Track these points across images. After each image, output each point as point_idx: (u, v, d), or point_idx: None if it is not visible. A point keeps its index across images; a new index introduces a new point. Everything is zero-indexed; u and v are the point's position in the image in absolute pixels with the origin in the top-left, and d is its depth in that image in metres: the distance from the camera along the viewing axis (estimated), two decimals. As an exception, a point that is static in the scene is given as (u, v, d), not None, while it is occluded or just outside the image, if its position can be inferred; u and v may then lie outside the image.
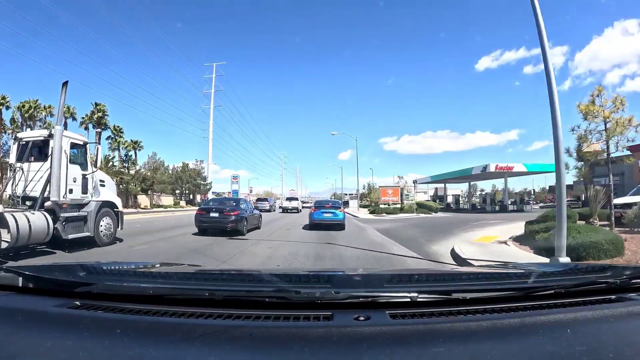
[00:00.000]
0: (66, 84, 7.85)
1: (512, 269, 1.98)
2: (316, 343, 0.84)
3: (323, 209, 14.63)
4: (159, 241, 10.23)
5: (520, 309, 1.04)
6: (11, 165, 7.97)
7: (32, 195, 7.52)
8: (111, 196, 9.23)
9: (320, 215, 14.35)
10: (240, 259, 7.53)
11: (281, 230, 14.49)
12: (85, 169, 8.30)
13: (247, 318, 0.98)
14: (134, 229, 12.26)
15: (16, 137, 8.19)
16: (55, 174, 7.24)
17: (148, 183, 39.81)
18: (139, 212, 29.36)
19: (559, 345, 0.83)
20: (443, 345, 0.82)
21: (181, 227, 14.27)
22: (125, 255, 7.78)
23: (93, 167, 8.55)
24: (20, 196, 7.55)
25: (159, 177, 44.26)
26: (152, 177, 42.05)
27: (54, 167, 7.25)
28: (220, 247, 9.12)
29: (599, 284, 1.20)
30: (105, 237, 8.54)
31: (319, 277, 1.58)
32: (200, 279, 1.57)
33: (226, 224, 11.26)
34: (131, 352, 0.82)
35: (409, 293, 1.08)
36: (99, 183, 8.78)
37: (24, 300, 1.16)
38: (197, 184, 49.84)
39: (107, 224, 8.67)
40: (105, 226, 8.62)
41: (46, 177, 7.37)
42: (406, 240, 11.16)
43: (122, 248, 8.67)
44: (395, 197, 34.53)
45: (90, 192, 8.32)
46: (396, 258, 7.72)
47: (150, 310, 1.03)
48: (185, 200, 49.66)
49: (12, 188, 7.73)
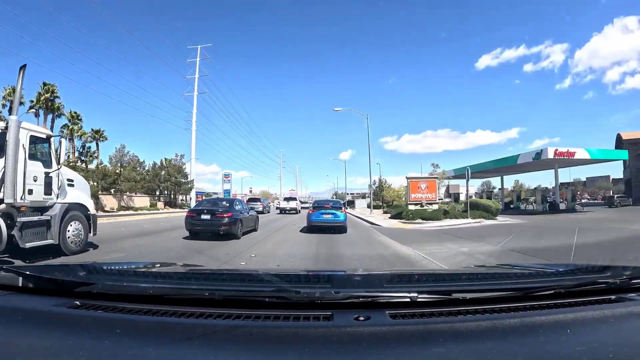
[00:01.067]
0: (24, 67, 6.70)
1: (512, 269, 1.98)
2: (316, 343, 0.84)
3: (322, 209, 13.00)
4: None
5: (520, 309, 1.04)
6: None
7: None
8: (82, 197, 8.12)
9: (319, 217, 12.81)
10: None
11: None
12: (48, 166, 7.12)
13: (247, 318, 0.98)
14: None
15: None
16: (11, 172, 6.12)
17: (109, 180, 32.50)
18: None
19: (559, 345, 0.83)
20: (443, 346, 0.82)
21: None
22: None
23: (57, 164, 7.27)
24: None
25: (127, 174, 35.60)
26: (116, 174, 34.26)
27: (8, 164, 6.11)
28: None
29: (599, 284, 1.20)
30: (73, 244, 7.40)
31: (319, 277, 1.58)
32: (200, 278, 1.57)
33: (219, 226, 10.32)
34: (131, 352, 0.82)
35: (409, 293, 1.08)
36: (66, 182, 7.64)
37: (24, 300, 1.16)
38: (177, 181, 41.33)
39: (75, 229, 7.53)
40: (74, 232, 7.48)
41: (0, 175, 6.23)
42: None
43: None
44: (432, 193, 23.67)
45: (55, 193, 7.21)
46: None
47: (150, 310, 1.03)
48: (164, 202, 41.79)
49: None
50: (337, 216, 12.77)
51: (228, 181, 64.16)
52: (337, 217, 12.78)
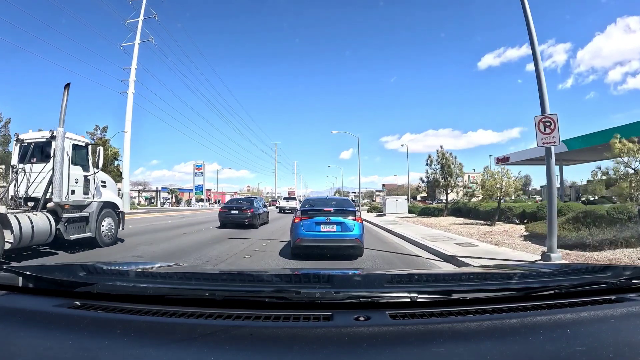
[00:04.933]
0: (68, 86, 7.84)
1: (512, 269, 1.98)
2: (316, 343, 0.84)
3: (319, 214, 7.42)
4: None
5: (520, 309, 1.04)
6: (13, 166, 8.01)
7: (34, 196, 7.59)
8: (112, 197, 9.36)
9: (313, 231, 7.26)
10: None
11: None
12: (86, 170, 8.42)
13: (247, 318, 0.98)
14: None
15: (18, 139, 8.28)
16: (58, 176, 7.37)
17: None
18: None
19: (559, 346, 0.83)
20: (443, 346, 0.82)
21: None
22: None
23: (95, 168, 8.60)
24: (23, 197, 7.62)
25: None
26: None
27: (56, 168, 7.38)
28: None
29: (599, 284, 1.20)
30: (106, 237, 8.68)
31: (319, 277, 1.57)
32: (200, 279, 1.57)
33: (244, 219, 14.45)
34: (131, 352, 0.82)
35: (409, 293, 1.08)
36: (100, 184, 8.88)
37: (24, 300, 1.16)
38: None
39: (108, 225, 8.81)
40: (107, 227, 8.76)
41: (48, 178, 7.50)
42: None
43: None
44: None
45: (92, 193, 8.46)
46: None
47: (150, 310, 1.03)
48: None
49: (15, 189, 7.77)
50: (346, 228, 7.29)
51: (200, 174, 54.24)
52: (347, 231, 7.29)
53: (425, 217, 21.80)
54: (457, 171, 22.89)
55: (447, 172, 22.64)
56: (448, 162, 22.69)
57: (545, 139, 6.59)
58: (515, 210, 15.29)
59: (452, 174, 22.62)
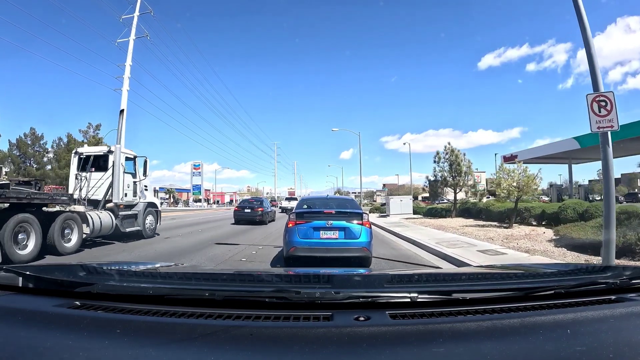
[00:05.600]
0: (123, 112, 10.73)
1: (512, 269, 1.98)
2: (316, 343, 0.84)
3: (319, 218, 6.15)
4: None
5: (521, 309, 1.04)
6: (77, 175, 10.15)
7: (94, 198, 9.72)
8: (152, 198, 12.02)
9: (310, 238, 6.06)
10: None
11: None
12: (135, 177, 10.74)
13: (247, 318, 0.98)
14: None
15: (76, 152, 10.57)
16: (116, 182, 9.77)
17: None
18: None
19: (559, 346, 0.83)
20: (443, 346, 0.82)
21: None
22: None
23: (142, 175, 10.93)
24: (85, 199, 9.69)
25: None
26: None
27: (115, 176, 9.78)
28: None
29: (599, 284, 1.20)
30: (149, 230, 10.95)
31: (319, 277, 1.57)
32: (200, 279, 1.57)
33: (255, 217, 17.06)
34: (131, 352, 0.82)
35: (409, 293, 1.08)
36: (144, 188, 11.21)
37: (24, 300, 1.16)
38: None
39: (150, 221, 11.09)
40: (150, 222, 11.03)
41: (107, 184, 9.81)
42: None
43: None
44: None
45: (138, 195, 10.78)
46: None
47: (150, 310, 1.03)
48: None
49: (79, 193, 9.79)
50: (351, 234, 6.07)
51: (198, 173, 53.30)
52: (353, 238, 6.07)
53: (432, 218, 20.37)
54: (465, 169, 21.17)
55: (456, 170, 20.91)
56: (458, 160, 20.95)
57: (601, 123, 5.03)
58: (533, 211, 13.86)
59: (462, 172, 21.00)
